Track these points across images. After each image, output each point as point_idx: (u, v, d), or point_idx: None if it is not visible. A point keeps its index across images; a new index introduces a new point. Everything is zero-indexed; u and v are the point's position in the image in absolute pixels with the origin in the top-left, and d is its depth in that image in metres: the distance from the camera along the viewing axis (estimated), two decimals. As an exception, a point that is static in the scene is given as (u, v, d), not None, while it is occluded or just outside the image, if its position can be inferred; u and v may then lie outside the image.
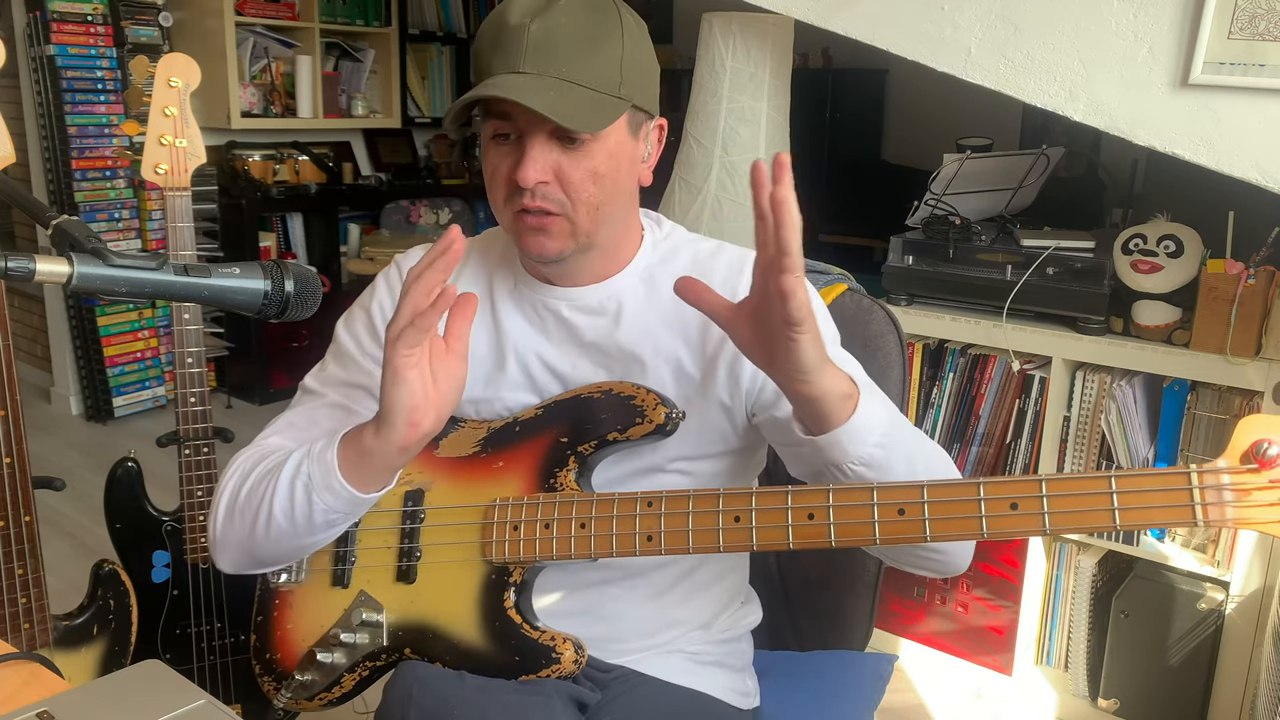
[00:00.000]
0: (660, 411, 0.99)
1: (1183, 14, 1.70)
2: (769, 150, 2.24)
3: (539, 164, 0.95)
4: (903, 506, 0.84)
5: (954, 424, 2.20)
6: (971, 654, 2.27)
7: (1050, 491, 0.79)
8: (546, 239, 0.99)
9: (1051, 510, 0.79)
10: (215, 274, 0.76)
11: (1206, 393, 1.90)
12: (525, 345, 1.08)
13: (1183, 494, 0.77)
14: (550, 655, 0.99)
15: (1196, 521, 0.76)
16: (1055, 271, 2.02)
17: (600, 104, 0.96)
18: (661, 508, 0.94)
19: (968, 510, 0.82)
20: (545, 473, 1.03)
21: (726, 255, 1.09)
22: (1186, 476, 0.77)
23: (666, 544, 0.94)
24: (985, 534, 0.81)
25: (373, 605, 1.07)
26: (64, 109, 3.67)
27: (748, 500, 0.90)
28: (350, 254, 4.58)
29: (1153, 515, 0.78)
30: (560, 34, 0.94)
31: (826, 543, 0.87)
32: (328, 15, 4.30)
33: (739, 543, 0.91)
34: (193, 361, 1.62)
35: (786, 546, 0.88)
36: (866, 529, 0.85)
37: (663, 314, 1.06)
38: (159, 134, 1.58)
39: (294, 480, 0.98)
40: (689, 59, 2.44)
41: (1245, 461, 0.76)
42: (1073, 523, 0.79)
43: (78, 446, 3.73)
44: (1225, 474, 0.76)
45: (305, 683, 1.10)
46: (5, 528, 1.42)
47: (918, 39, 1.95)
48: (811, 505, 0.87)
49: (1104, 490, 0.78)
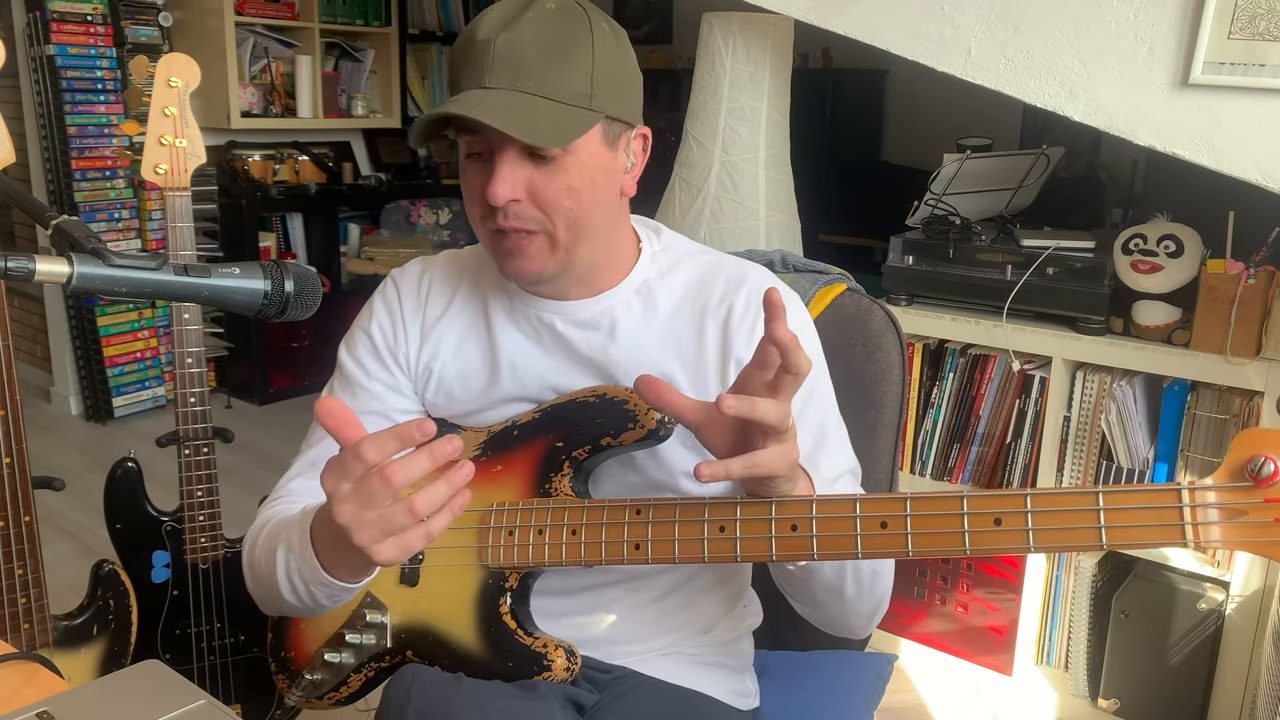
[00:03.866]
0: (652, 417, 0.98)
1: (1183, 14, 1.70)
2: (769, 150, 2.24)
3: (508, 181, 0.93)
4: (885, 520, 0.83)
5: (954, 424, 2.20)
6: (971, 654, 2.27)
7: (1035, 507, 0.77)
8: (524, 260, 0.98)
9: (1036, 527, 0.77)
10: (215, 274, 0.76)
11: (1206, 393, 1.90)
12: (520, 358, 1.08)
13: (1173, 513, 0.73)
14: (542, 662, 1.00)
15: (1186, 543, 0.72)
16: (1055, 271, 2.02)
17: (568, 117, 0.93)
18: (649, 515, 0.94)
19: (950, 525, 0.80)
20: (541, 478, 1.03)
21: (727, 270, 1.08)
22: (1177, 494, 0.73)
23: (654, 553, 0.93)
24: (968, 549, 0.79)
25: (378, 606, 1.08)
26: (64, 109, 3.67)
27: (732, 510, 0.90)
28: (350, 254, 4.58)
29: (1141, 535, 0.74)
30: (526, 47, 0.92)
31: (809, 555, 0.86)
32: (328, 15, 4.30)
33: (723, 553, 0.90)
34: (193, 361, 1.62)
35: (770, 558, 0.88)
36: (849, 541, 0.84)
37: (658, 331, 1.05)
38: (159, 134, 1.57)
39: (289, 576, 0.95)
40: (689, 59, 2.44)
41: (1240, 479, 0.72)
42: (1057, 541, 0.77)
43: (78, 446, 3.73)
44: (1218, 492, 0.72)
45: (315, 681, 1.12)
46: (5, 528, 1.42)
47: (918, 39, 1.95)
48: (795, 517, 0.87)
49: (1090, 507, 0.75)
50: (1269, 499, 0.70)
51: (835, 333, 1.27)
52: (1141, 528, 0.74)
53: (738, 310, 1.04)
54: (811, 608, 1.04)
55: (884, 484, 1.28)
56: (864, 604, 1.01)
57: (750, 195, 2.23)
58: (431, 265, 1.15)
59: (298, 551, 0.93)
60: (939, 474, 2.23)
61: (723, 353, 1.04)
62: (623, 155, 1.01)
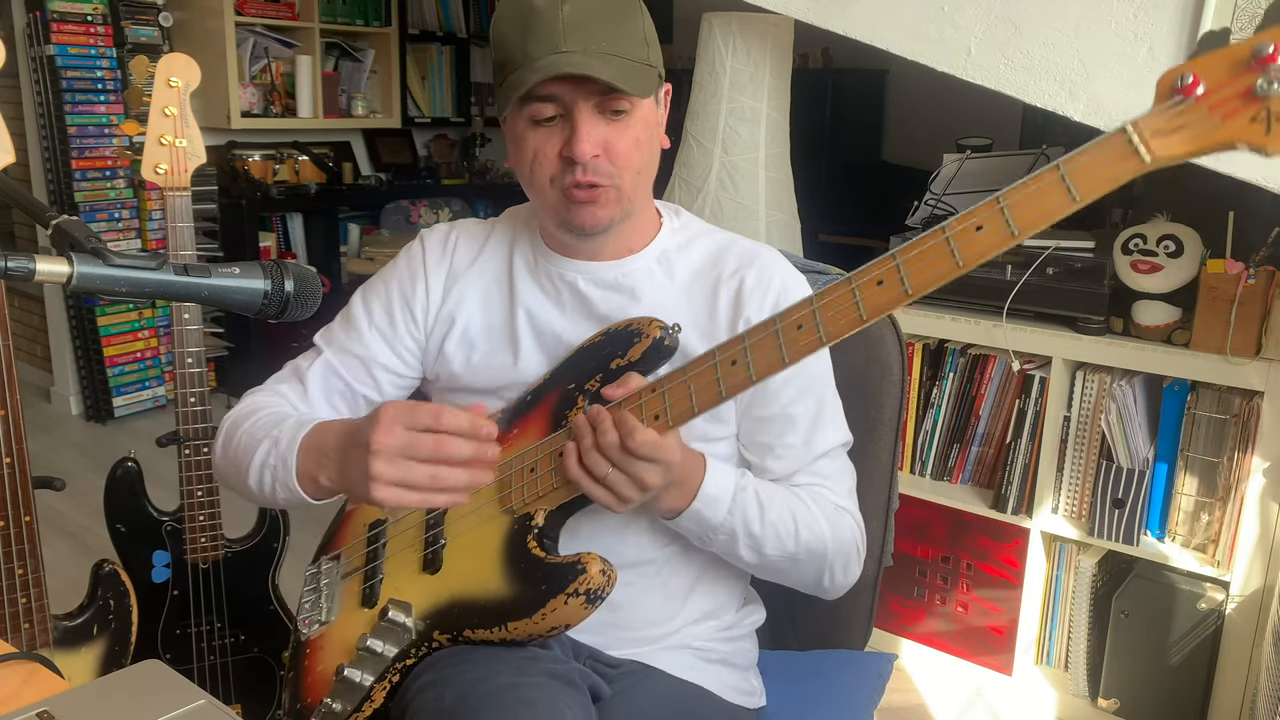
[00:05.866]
0: (655, 327, 1.01)
1: (1183, 14, 1.70)
2: (769, 150, 2.24)
3: (590, 139, 0.98)
4: (880, 278, 0.85)
5: (954, 424, 2.20)
6: (971, 654, 2.27)
7: (1008, 201, 0.81)
8: (598, 209, 1.03)
9: (1012, 213, 0.81)
10: (215, 274, 0.76)
11: (1206, 393, 1.90)
12: (540, 315, 1.12)
13: (1123, 144, 0.77)
14: (575, 568, 0.97)
15: (1144, 160, 0.76)
16: (1055, 271, 2.02)
17: (642, 73, 1.00)
18: (663, 385, 0.95)
19: (938, 251, 0.82)
20: (557, 418, 1.04)
21: (738, 247, 1.14)
22: (1124, 130, 0.77)
23: (673, 412, 0.94)
24: (960, 263, 0.82)
25: (401, 607, 1.06)
26: (64, 109, 3.67)
27: (740, 341, 0.92)
28: (350, 254, 4.58)
29: (1105, 173, 0.78)
30: (592, 11, 0.97)
31: (818, 340, 0.88)
32: (328, 15, 4.30)
33: (739, 379, 0.92)
34: (193, 361, 1.62)
35: (784, 365, 0.90)
36: (851, 311, 0.86)
37: (675, 298, 1.10)
38: (159, 134, 1.58)
39: (263, 469, 1.05)
40: (689, 59, 2.44)
41: (1169, 99, 0.76)
42: (1034, 213, 0.80)
43: (78, 446, 3.73)
44: (1157, 114, 0.76)
45: (335, 711, 1.07)
46: (5, 528, 1.42)
47: (918, 39, 1.95)
48: (798, 317, 0.89)
49: (1054, 176, 0.79)
50: (1199, 99, 0.75)
51: (835, 332, 1.27)
52: (1104, 167, 0.78)
53: (749, 283, 1.10)
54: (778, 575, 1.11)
55: (883, 483, 1.29)
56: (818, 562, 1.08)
57: (750, 195, 2.23)
58: (459, 224, 1.21)
59: (281, 451, 1.04)
60: (939, 474, 2.24)
61: (733, 316, 1.09)
62: (661, 109, 1.08)
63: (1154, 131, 0.76)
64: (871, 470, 1.26)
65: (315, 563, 1.22)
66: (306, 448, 1.02)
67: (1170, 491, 1.97)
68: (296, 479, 1.02)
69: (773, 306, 1.08)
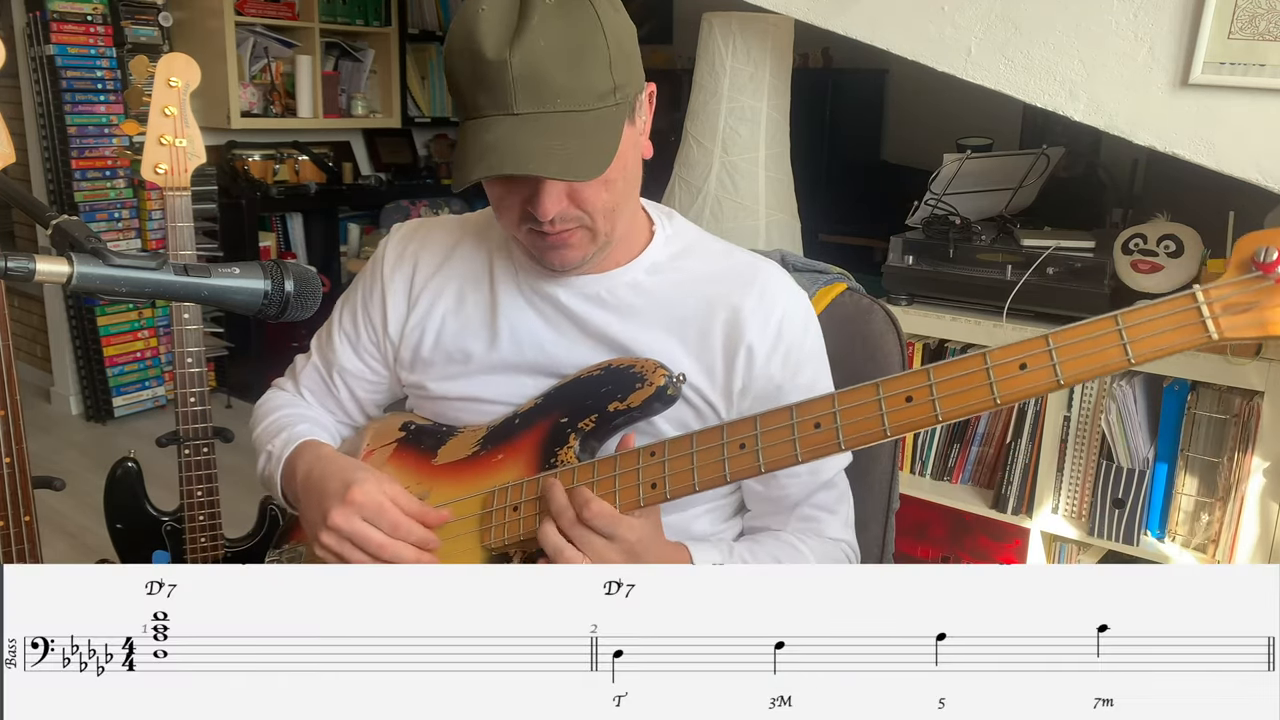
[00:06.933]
0: (660, 375, 0.96)
1: (1183, 14, 1.70)
2: (769, 150, 2.24)
3: (553, 197, 0.92)
4: (909, 394, 0.81)
5: (954, 424, 2.20)
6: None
7: (1057, 344, 0.76)
8: (568, 251, 0.98)
9: (1062, 360, 0.76)
10: (215, 274, 0.76)
11: (1206, 393, 1.90)
12: (521, 326, 1.07)
13: (1191, 314, 0.73)
14: None
15: (1211, 335, 0.72)
16: (1055, 271, 2.02)
17: (604, 127, 0.91)
18: (665, 453, 0.91)
19: (976, 381, 0.78)
20: (546, 454, 1.00)
21: (737, 262, 1.09)
22: (1192, 296, 0.73)
23: (671, 487, 0.91)
24: (998, 399, 0.78)
25: None
26: (64, 109, 3.67)
27: (751, 425, 0.88)
28: (350, 254, 4.58)
29: (1167, 340, 0.74)
30: (545, 59, 0.86)
31: (836, 445, 0.84)
32: (328, 15, 4.30)
33: (746, 467, 0.88)
34: (193, 361, 1.62)
35: (796, 460, 0.86)
36: (875, 423, 0.82)
37: (665, 311, 1.05)
38: (159, 134, 1.57)
39: (262, 477, 1.16)
40: (689, 59, 2.44)
41: (1246, 271, 0.72)
42: (1086, 367, 0.76)
43: (78, 446, 3.73)
44: (1230, 286, 0.72)
45: None
46: (5, 528, 1.42)
47: (918, 39, 1.94)
48: (817, 415, 0.85)
49: (1111, 329, 0.75)
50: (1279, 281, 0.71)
51: (835, 333, 1.26)
52: (1166, 333, 0.74)
53: (749, 306, 1.04)
54: None
55: (883, 484, 1.28)
56: None
57: (750, 195, 2.23)
58: (427, 224, 1.17)
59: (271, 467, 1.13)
60: (939, 474, 2.23)
61: (730, 341, 1.03)
62: (639, 122, 0.99)
63: (1225, 306, 0.72)
64: (872, 470, 1.25)
65: (279, 549, 1.22)
66: (287, 473, 1.11)
67: (1170, 491, 1.97)
68: (284, 500, 1.13)
69: (775, 335, 1.04)
